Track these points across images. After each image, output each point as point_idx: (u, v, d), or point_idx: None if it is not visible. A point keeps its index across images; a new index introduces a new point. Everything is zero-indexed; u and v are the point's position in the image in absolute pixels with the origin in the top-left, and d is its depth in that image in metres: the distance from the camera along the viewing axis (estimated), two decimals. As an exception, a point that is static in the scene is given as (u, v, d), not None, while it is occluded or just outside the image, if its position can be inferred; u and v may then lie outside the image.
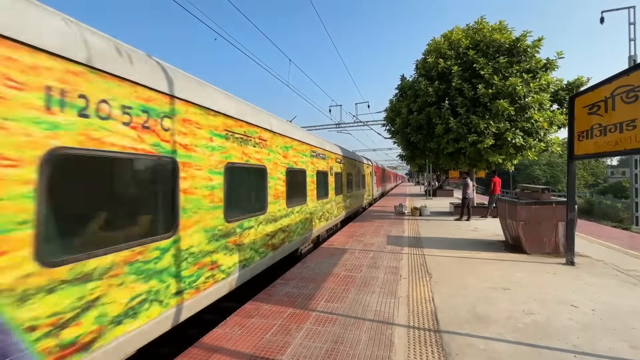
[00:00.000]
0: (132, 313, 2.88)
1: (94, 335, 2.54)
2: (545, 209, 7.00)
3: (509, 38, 10.84)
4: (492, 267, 6.19)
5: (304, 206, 7.81)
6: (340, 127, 24.85)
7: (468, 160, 12.11)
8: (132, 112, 2.96)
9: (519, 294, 4.75)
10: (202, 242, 3.87)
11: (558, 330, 3.63)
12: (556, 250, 7.00)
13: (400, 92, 13.83)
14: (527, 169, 54.49)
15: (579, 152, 5.99)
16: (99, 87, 2.67)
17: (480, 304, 4.40)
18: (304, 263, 6.61)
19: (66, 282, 2.36)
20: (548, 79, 10.49)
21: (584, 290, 4.89)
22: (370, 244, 8.38)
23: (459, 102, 10.72)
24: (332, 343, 3.42)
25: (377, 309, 4.27)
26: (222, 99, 4.49)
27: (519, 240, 7.28)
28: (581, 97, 5.97)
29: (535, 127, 10.44)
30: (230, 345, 3.40)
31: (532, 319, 3.94)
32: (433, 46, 12.26)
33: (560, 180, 53.81)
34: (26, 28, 2.19)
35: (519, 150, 10.95)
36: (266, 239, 5.63)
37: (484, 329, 3.68)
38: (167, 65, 3.66)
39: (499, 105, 9.80)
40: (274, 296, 4.80)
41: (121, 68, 2.88)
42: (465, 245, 8.08)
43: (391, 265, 6.32)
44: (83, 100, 2.53)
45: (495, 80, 9.98)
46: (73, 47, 2.49)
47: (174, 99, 3.52)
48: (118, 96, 2.84)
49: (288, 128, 7.03)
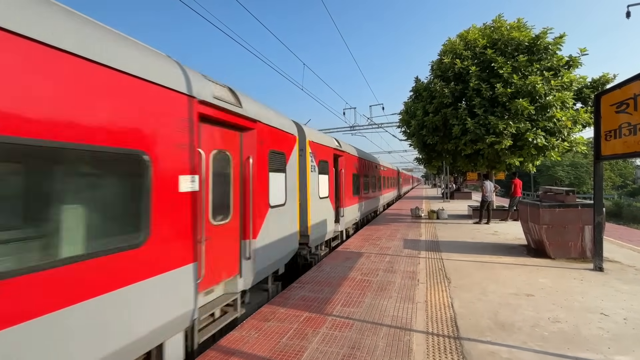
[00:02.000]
0: None
1: None
2: (570, 211, 6.72)
3: (528, 36, 10.54)
4: (514, 272, 5.97)
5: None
6: (354, 130, 24.75)
7: (486, 162, 11.81)
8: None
9: (544, 301, 4.56)
10: None
11: (587, 340, 3.45)
12: (583, 255, 6.70)
13: (414, 94, 13.67)
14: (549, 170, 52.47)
15: (607, 152, 5.73)
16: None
17: (502, 311, 4.24)
18: (319, 266, 6.58)
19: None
20: (571, 77, 10.12)
21: (614, 297, 4.64)
22: (386, 247, 8.26)
23: (476, 102, 10.47)
24: (349, 348, 3.37)
25: (395, 314, 4.19)
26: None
27: (542, 245, 7.01)
28: (608, 95, 5.72)
29: (558, 127, 10.06)
30: (247, 349, 3.42)
31: (558, 327, 3.76)
32: (449, 46, 12.06)
33: (585, 181, 51.53)
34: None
35: (540, 150, 10.58)
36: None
37: (507, 337, 3.54)
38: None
39: (518, 105, 9.51)
40: (290, 300, 4.80)
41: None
42: (485, 250, 7.84)
43: (408, 270, 6.20)
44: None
45: (514, 79, 9.70)
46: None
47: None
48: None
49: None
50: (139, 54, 2.93)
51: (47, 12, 2.24)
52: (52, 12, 2.28)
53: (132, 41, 2.98)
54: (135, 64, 2.80)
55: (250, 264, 4.52)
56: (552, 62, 10.25)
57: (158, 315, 2.92)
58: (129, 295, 2.63)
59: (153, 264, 2.87)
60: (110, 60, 2.57)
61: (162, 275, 2.95)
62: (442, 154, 13.02)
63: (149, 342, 2.83)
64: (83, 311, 2.29)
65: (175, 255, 3.12)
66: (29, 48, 2.07)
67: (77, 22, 2.45)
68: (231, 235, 4.31)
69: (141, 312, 2.76)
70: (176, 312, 3.11)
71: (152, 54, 3.13)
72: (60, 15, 2.33)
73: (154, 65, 3.05)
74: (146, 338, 2.79)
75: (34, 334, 2.01)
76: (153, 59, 3.09)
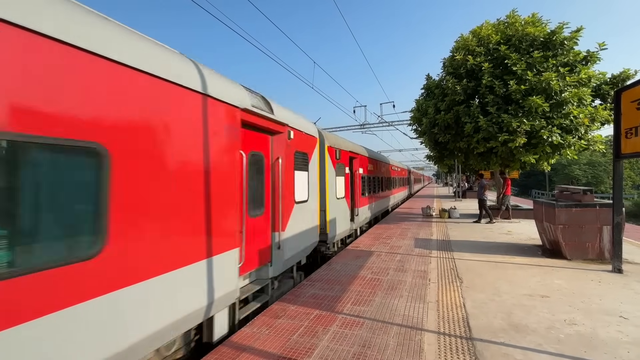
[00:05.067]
0: None
1: None
2: (587, 211, 6.54)
3: (544, 31, 10.27)
4: (528, 272, 5.85)
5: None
6: (364, 128, 24.62)
7: (500, 160, 11.58)
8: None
9: (560, 303, 4.45)
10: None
11: (605, 343, 3.35)
12: (600, 257, 6.51)
13: (426, 91, 13.50)
14: (565, 169, 50.95)
15: (627, 150, 5.54)
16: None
17: (516, 312, 4.16)
18: (329, 265, 6.59)
19: None
20: (589, 73, 9.79)
21: (634, 300, 4.49)
22: (396, 246, 8.21)
23: (489, 99, 10.27)
24: (360, 347, 3.37)
25: (405, 314, 4.16)
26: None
27: (558, 245, 6.84)
28: (629, 91, 5.53)
29: (575, 124, 9.78)
30: (258, 345, 3.45)
31: (575, 329, 3.67)
32: (461, 43, 11.85)
33: (603, 180, 49.88)
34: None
35: (556, 149, 10.31)
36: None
37: (521, 339, 3.47)
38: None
39: (532, 102, 9.28)
40: (300, 297, 4.82)
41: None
42: (499, 249, 7.70)
43: (419, 269, 6.15)
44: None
45: (529, 76, 9.47)
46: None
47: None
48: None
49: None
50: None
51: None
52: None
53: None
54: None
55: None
56: (568, 58, 9.98)
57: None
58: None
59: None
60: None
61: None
62: (454, 152, 12.83)
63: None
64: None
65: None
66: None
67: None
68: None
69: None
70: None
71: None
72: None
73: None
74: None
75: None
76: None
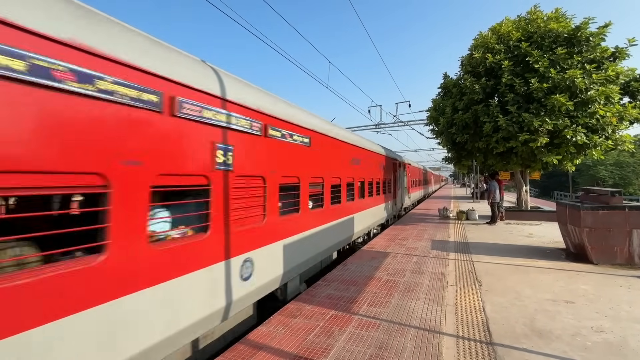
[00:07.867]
0: None
1: None
2: (615, 214, 6.25)
3: (568, 27, 9.90)
4: (551, 276, 5.65)
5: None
6: (379, 128, 24.38)
7: (520, 161, 11.24)
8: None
9: (586, 309, 4.28)
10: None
11: (636, 352, 3.20)
12: (630, 262, 6.20)
13: (443, 90, 13.26)
14: (590, 170, 48.76)
15: (659, 150, 5.26)
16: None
17: (539, 317, 4.03)
18: (344, 265, 6.57)
19: None
20: (617, 70, 9.36)
21: (667, 308, 4.26)
22: (413, 248, 8.09)
23: (509, 98, 9.98)
24: (376, 349, 3.34)
25: (423, 316, 4.10)
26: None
27: (583, 249, 6.57)
28: (661, 88, 5.25)
29: (602, 123, 9.37)
30: (274, 344, 3.48)
31: (603, 337, 3.52)
32: (480, 41, 11.59)
33: (631, 182, 47.52)
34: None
35: (580, 149, 9.91)
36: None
37: (545, 346, 3.36)
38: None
39: (555, 101, 8.94)
40: (316, 297, 4.83)
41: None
42: (519, 253, 7.47)
43: (436, 272, 6.04)
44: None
45: (552, 74, 9.13)
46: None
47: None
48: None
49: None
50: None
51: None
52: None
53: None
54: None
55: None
56: (594, 54, 9.56)
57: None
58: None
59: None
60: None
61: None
62: (472, 152, 12.54)
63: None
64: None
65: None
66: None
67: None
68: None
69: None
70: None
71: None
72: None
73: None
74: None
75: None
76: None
